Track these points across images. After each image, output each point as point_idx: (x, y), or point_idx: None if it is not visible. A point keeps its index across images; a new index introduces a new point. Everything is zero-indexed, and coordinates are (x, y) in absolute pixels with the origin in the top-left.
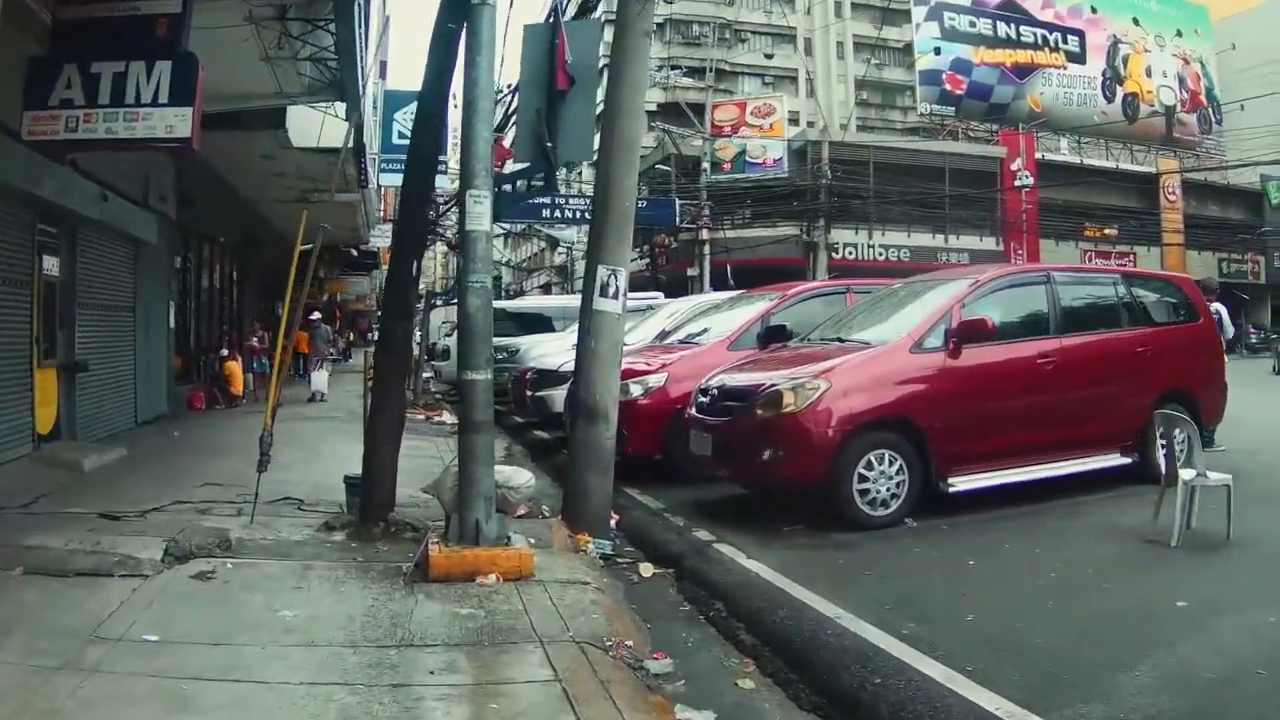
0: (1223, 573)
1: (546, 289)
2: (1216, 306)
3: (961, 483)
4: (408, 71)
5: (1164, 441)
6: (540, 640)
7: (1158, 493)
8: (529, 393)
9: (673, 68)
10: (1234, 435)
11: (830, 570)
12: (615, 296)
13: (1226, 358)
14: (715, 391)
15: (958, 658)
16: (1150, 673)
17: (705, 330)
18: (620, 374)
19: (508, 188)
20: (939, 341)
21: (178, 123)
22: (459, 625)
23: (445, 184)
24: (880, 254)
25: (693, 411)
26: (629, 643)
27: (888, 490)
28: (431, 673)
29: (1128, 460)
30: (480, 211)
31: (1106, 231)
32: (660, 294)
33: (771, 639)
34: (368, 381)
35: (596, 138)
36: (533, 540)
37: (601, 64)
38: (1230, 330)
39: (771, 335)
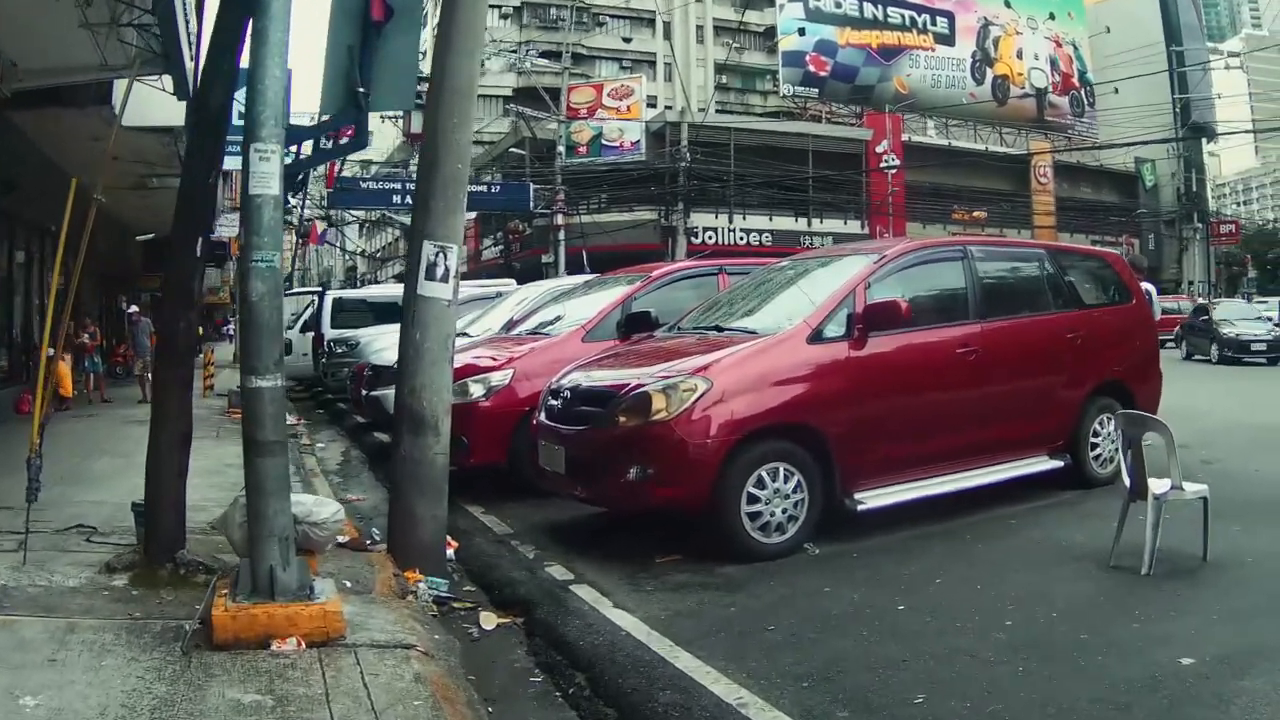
0: (1216, 608)
1: (401, 279)
2: (1147, 286)
3: (872, 499)
4: None
5: (1120, 446)
6: None
7: (1107, 505)
8: (364, 392)
9: (528, 52)
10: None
11: (721, 624)
12: (445, 279)
13: None
14: (568, 393)
15: None
16: None
17: (558, 318)
18: (457, 372)
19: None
20: (841, 329)
21: None
22: None
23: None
24: (741, 238)
25: (542, 417)
26: None
27: (783, 512)
28: None
29: (1059, 464)
30: (268, 171)
31: (975, 214)
32: (513, 282)
33: None
34: (206, 380)
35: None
36: (349, 583)
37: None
38: (1159, 312)
39: (634, 324)
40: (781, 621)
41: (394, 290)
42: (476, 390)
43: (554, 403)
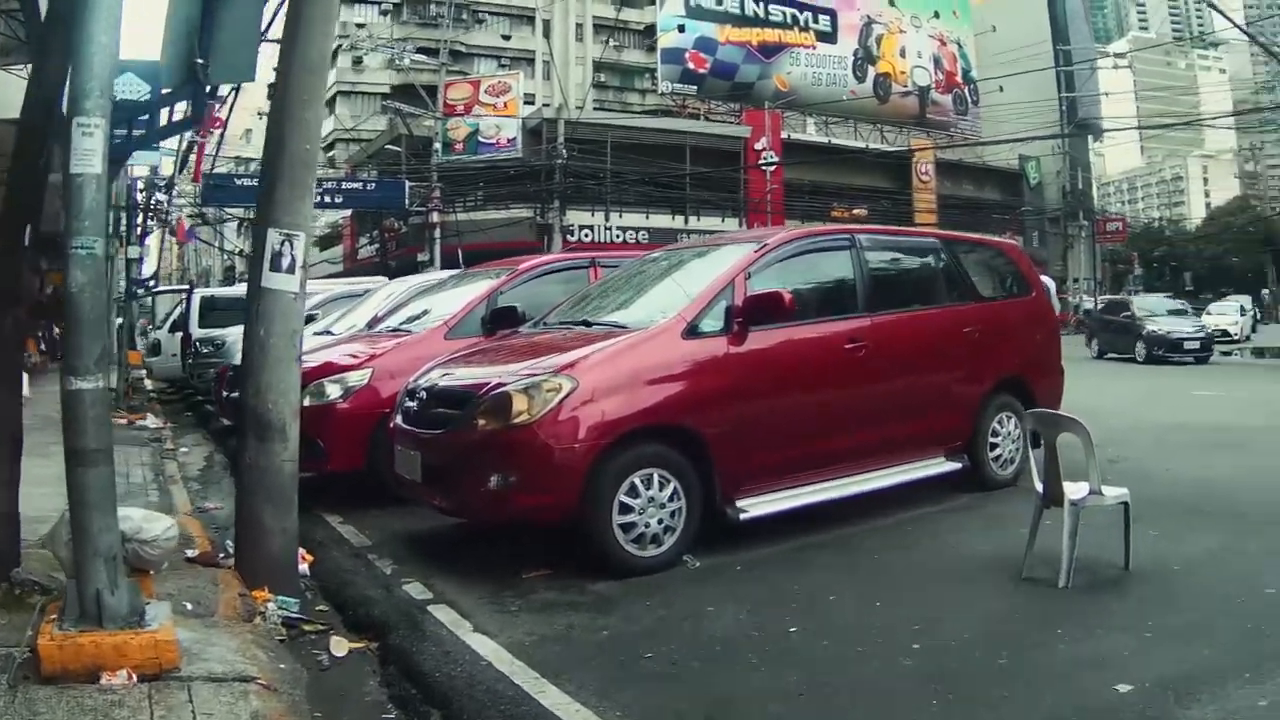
0: (1149, 625)
1: None
2: (1046, 280)
3: (756, 506)
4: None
5: (1025, 446)
6: None
7: (1011, 508)
8: (225, 393)
9: (405, 49)
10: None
11: (593, 651)
12: (291, 269)
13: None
14: (424, 394)
15: None
16: None
17: (423, 314)
18: (313, 371)
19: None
20: (719, 323)
21: None
22: None
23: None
24: (618, 236)
25: (398, 420)
26: None
27: (659, 522)
28: None
29: (957, 465)
30: (90, 148)
31: (855, 212)
32: (386, 279)
33: None
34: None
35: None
36: (190, 605)
37: None
38: (1058, 307)
39: (499, 319)
40: (660, 648)
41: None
42: (333, 391)
43: (410, 404)
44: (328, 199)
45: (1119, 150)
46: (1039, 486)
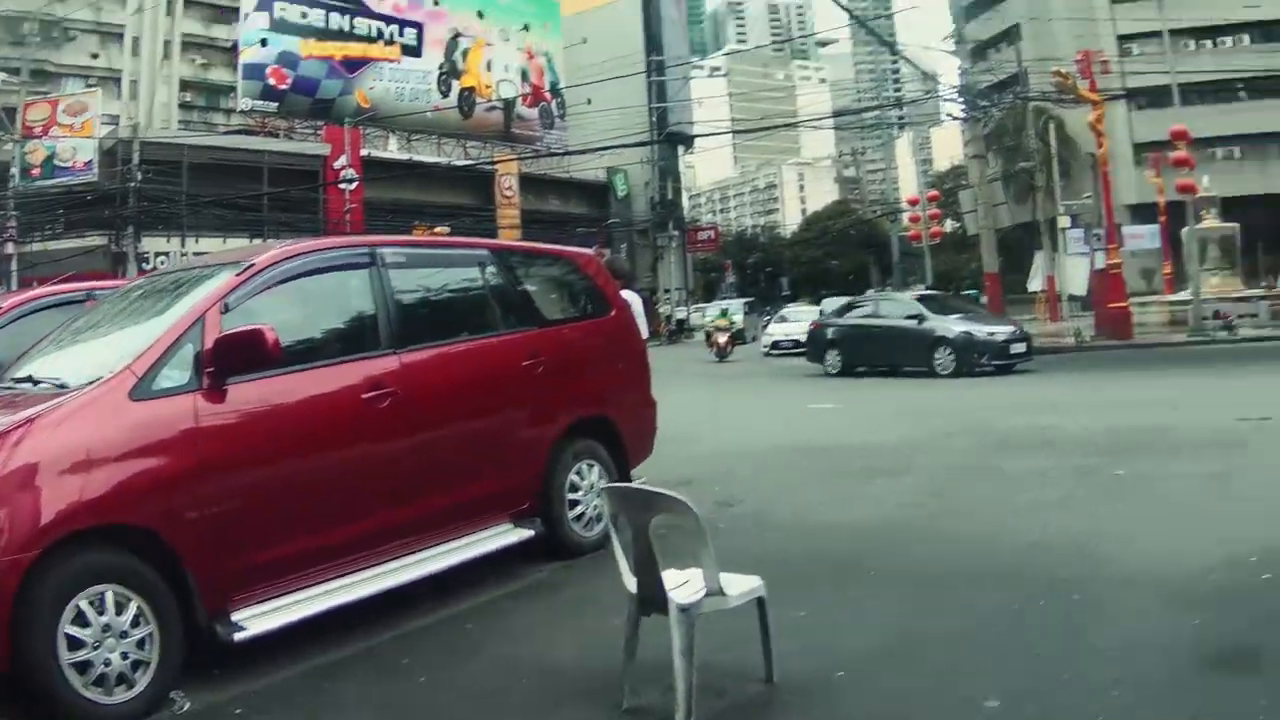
0: None
1: None
2: (629, 294)
3: (257, 619)
4: None
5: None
6: None
7: (600, 585)
8: None
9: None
10: (656, 458)
11: None
12: None
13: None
14: None
15: None
16: None
17: None
18: None
19: None
20: (185, 375)
21: None
22: None
23: None
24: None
25: None
26: None
27: (124, 656)
28: None
29: (528, 533)
30: None
31: (437, 230)
32: None
33: None
34: None
35: None
36: None
37: None
38: (647, 327)
39: None
40: None
41: None
42: None
43: None
44: None
45: (711, 160)
46: (630, 587)
